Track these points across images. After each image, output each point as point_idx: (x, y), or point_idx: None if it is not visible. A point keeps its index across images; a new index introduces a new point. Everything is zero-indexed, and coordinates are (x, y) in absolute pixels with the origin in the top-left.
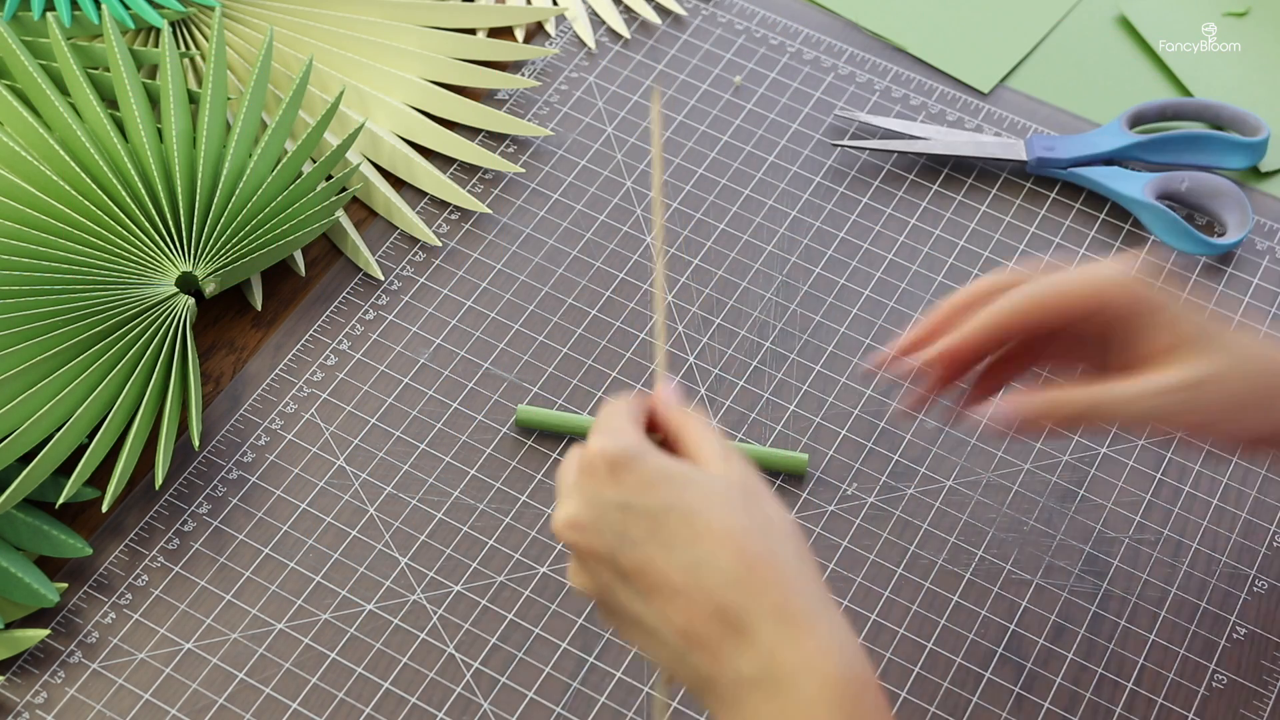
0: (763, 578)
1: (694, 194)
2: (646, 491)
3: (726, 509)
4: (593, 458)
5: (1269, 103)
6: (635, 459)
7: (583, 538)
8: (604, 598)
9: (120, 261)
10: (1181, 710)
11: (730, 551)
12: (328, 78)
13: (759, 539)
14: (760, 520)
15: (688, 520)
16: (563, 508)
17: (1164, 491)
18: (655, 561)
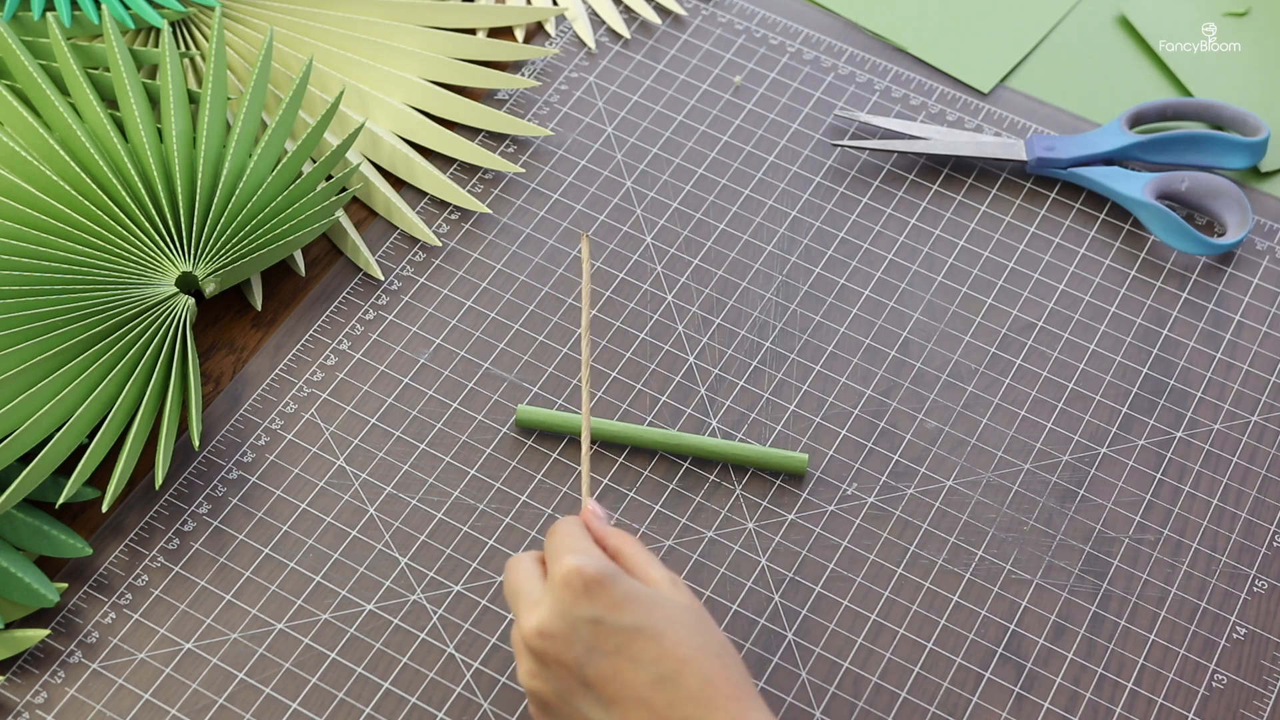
0: (719, 692)
1: (694, 194)
2: (618, 610)
3: (687, 631)
4: (570, 574)
5: (1269, 103)
6: (610, 580)
7: (552, 646)
8: (556, 702)
9: (120, 261)
10: (1181, 710)
11: (692, 670)
12: (328, 78)
13: (715, 660)
14: (715, 643)
15: (656, 640)
16: (531, 616)
17: (1164, 491)
18: (623, 674)
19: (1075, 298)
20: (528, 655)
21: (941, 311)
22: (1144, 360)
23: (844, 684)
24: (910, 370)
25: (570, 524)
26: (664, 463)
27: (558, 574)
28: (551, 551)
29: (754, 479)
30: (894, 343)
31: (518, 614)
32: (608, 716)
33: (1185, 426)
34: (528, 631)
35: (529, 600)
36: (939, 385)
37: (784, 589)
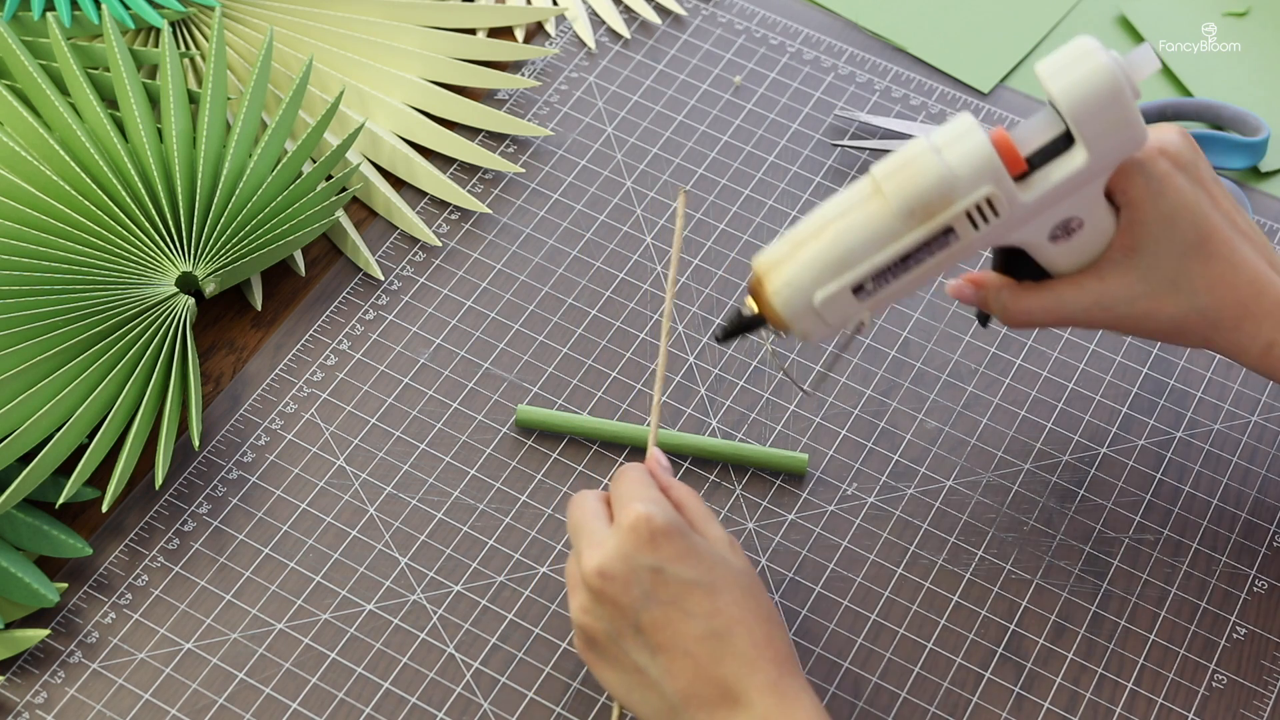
0: (763, 657)
1: (694, 194)
2: (680, 562)
3: (742, 593)
4: (638, 521)
5: (1269, 103)
6: (677, 532)
7: (610, 587)
8: (604, 641)
9: (120, 261)
10: (1181, 710)
11: (743, 630)
12: (328, 78)
13: (763, 625)
14: (765, 608)
15: (711, 596)
16: (594, 555)
17: (1164, 491)
18: (675, 624)
19: None
20: (584, 591)
21: (941, 311)
22: (1144, 360)
23: (844, 684)
24: (910, 370)
25: (637, 471)
26: None
27: (625, 519)
28: (619, 496)
29: (754, 479)
30: (894, 343)
31: (579, 550)
32: (653, 662)
33: (1185, 426)
34: (588, 569)
35: (592, 539)
36: (939, 385)
37: (784, 589)
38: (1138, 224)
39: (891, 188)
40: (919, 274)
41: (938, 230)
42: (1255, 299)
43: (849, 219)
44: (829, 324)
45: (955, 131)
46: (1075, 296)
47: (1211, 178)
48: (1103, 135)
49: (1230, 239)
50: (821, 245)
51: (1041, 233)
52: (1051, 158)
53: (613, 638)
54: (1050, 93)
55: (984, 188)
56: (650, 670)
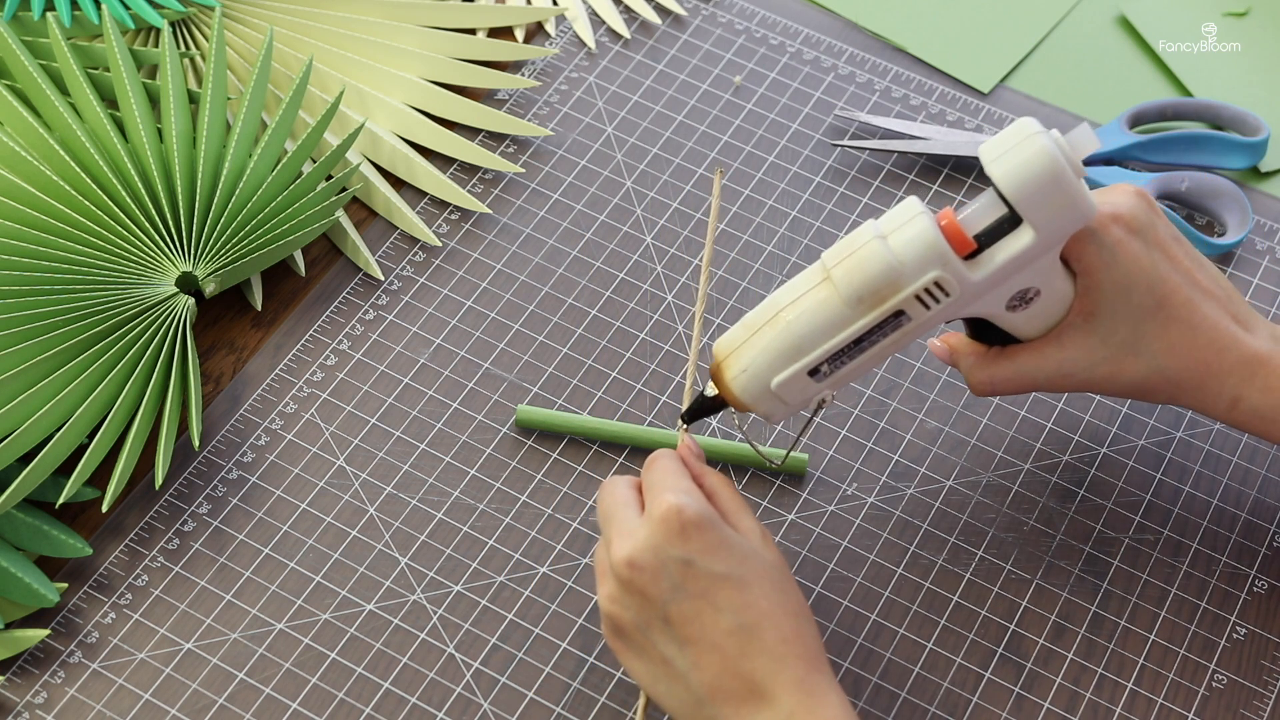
0: (792, 653)
1: (694, 194)
2: (711, 555)
3: (772, 586)
4: (669, 512)
5: (1269, 103)
6: (708, 524)
7: (639, 578)
8: (631, 631)
9: (120, 261)
10: (1181, 710)
11: (772, 625)
12: (328, 78)
13: (792, 620)
14: (795, 603)
15: (742, 590)
16: (624, 544)
17: (1164, 491)
18: (704, 617)
19: None
20: (612, 580)
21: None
22: None
23: (844, 684)
24: (910, 370)
25: (670, 459)
26: None
27: (657, 510)
28: (650, 484)
29: (754, 479)
30: None
31: (609, 539)
32: (681, 654)
33: (1185, 426)
34: (618, 559)
35: (623, 528)
36: (939, 385)
37: None
38: (1094, 290)
39: (839, 275)
40: (874, 353)
41: (888, 314)
42: (1216, 358)
43: (800, 305)
44: (788, 404)
45: (901, 217)
46: (1037, 365)
47: (1170, 236)
48: (1046, 215)
49: (1189, 299)
50: (775, 332)
51: (999, 304)
52: (1000, 236)
53: (640, 628)
54: (992, 176)
55: (931, 273)
56: (677, 662)
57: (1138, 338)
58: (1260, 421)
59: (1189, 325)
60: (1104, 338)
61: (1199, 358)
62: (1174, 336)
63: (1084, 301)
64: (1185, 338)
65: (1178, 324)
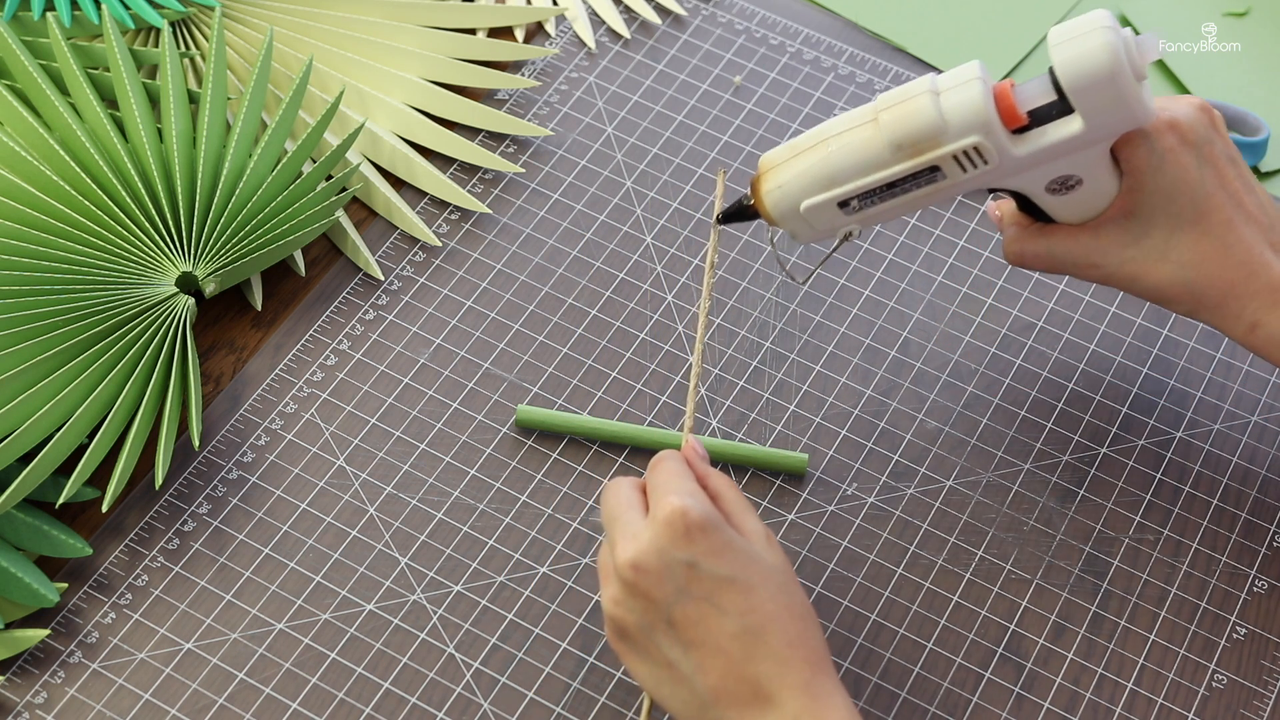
0: (797, 656)
1: (694, 194)
2: (715, 557)
3: (777, 589)
4: (673, 515)
5: (1269, 103)
6: (713, 527)
7: (643, 581)
8: (635, 633)
9: (120, 261)
10: (1181, 710)
11: (777, 628)
12: (328, 78)
13: (797, 622)
14: (799, 605)
15: (746, 593)
16: (628, 547)
17: (1164, 491)
18: (708, 620)
19: (1075, 298)
20: (616, 582)
21: (941, 311)
22: (1144, 360)
23: (844, 684)
24: (910, 370)
25: (674, 461)
26: None
27: (661, 512)
28: (654, 486)
29: (754, 479)
30: (894, 343)
31: (614, 541)
32: (685, 657)
33: (1185, 426)
34: (621, 562)
35: (627, 530)
36: (939, 385)
37: None
38: (1137, 191)
39: (886, 120)
40: (904, 201)
41: (924, 166)
42: (1244, 279)
43: (844, 139)
44: (815, 229)
45: (958, 78)
46: (1068, 248)
47: (1225, 155)
48: (1097, 110)
49: (1230, 219)
50: (815, 159)
51: (1038, 184)
52: (1050, 119)
53: (644, 631)
54: (1052, 61)
55: (972, 137)
56: (682, 665)
57: (1170, 245)
58: (1277, 349)
59: (1223, 243)
60: (1138, 238)
61: (1226, 276)
62: (1206, 250)
63: (1126, 200)
64: (1217, 254)
65: (1212, 239)
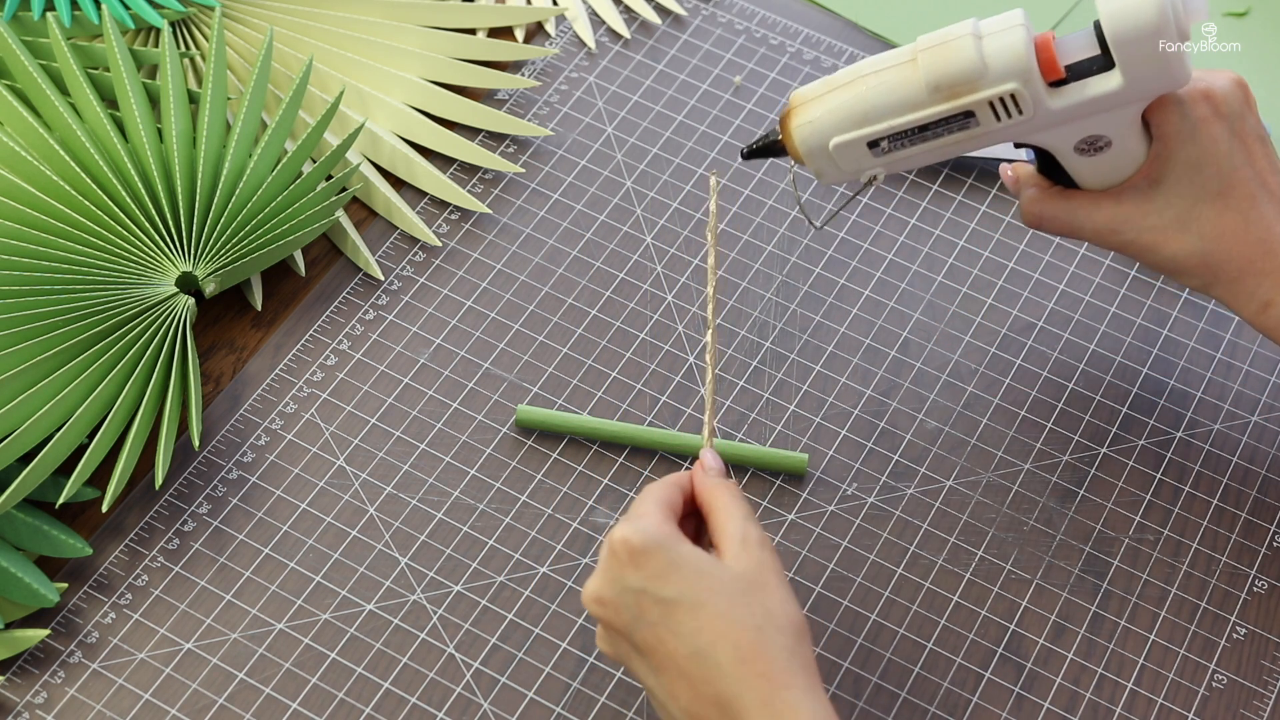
0: (754, 671)
1: (694, 194)
2: (660, 580)
3: (728, 603)
4: (617, 544)
5: (1269, 103)
6: (655, 549)
7: (604, 612)
8: (620, 662)
9: (120, 261)
10: (1181, 710)
11: (727, 645)
12: (328, 78)
13: (753, 633)
14: (759, 615)
15: (694, 611)
16: (589, 583)
17: (1164, 491)
18: (665, 644)
19: (1075, 298)
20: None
21: (941, 311)
22: (1144, 360)
23: (844, 684)
24: (910, 370)
25: (653, 488)
26: (664, 463)
27: (608, 544)
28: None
29: (754, 479)
30: (894, 343)
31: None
32: (657, 682)
33: (1185, 426)
34: (584, 598)
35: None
36: (939, 385)
37: None
38: (1164, 159)
39: (925, 60)
40: (934, 146)
41: (958, 110)
42: (1262, 257)
43: (880, 77)
44: (841, 169)
45: (1001, 24)
46: (1089, 213)
47: (1256, 133)
48: (1140, 66)
49: (1254, 195)
50: (849, 95)
51: (1068, 141)
52: (1089, 73)
53: (622, 658)
54: (1100, 12)
55: (1010, 84)
56: (657, 691)
57: (1192, 216)
58: None
59: (1245, 218)
60: (1160, 207)
61: (1244, 252)
62: (1226, 224)
63: (1152, 167)
64: (1237, 228)
65: (1234, 214)
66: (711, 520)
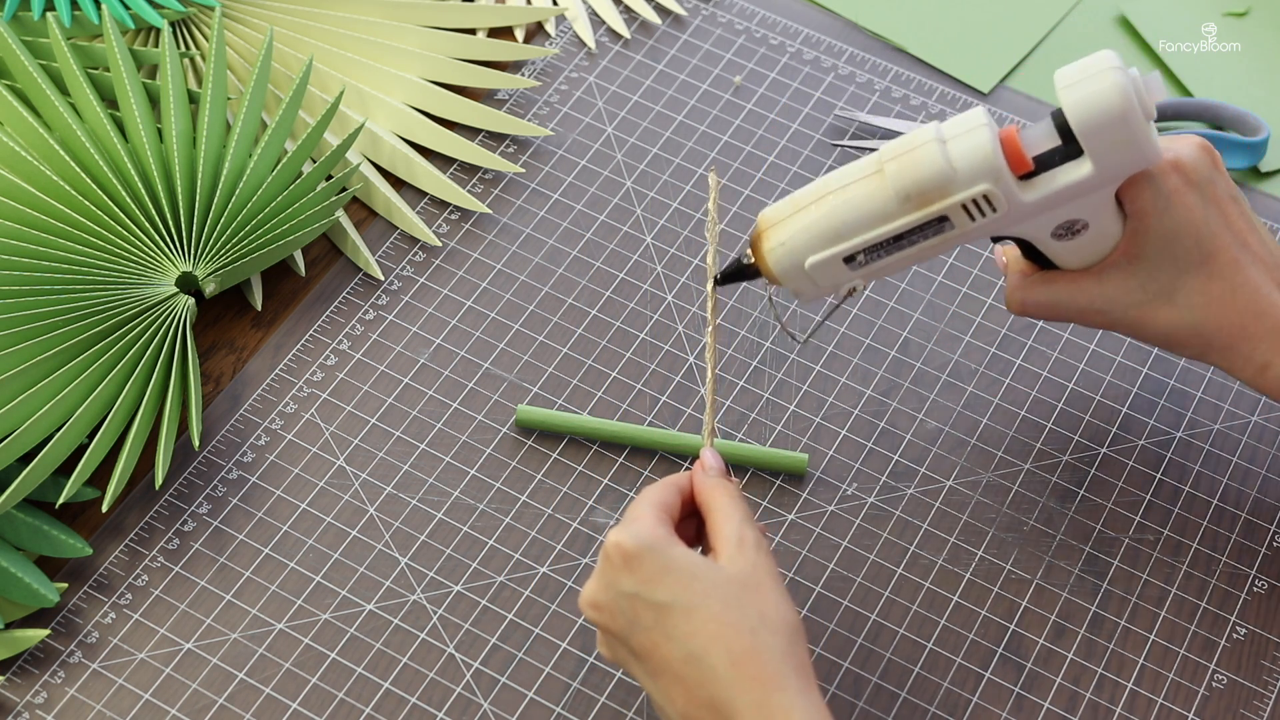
0: (747, 674)
1: (694, 194)
2: (653, 584)
3: (722, 606)
4: (610, 549)
5: (1269, 103)
6: (647, 553)
7: (600, 617)
8: (620, 666)
9: (120, 261)
10: (1181, 710)
11: (721, 648)
12: (328, 78)
13: (747, 636)
14: (752, 617)
15: (687, 615)
16: (585, 589)
17: (1164, 491)
18: (660, 648)
19: None
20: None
21: (941, 312)
22: (1144, 360)
23: (844, 684)
24: (910, 370)
25: (649, 491)
26: (664, 463)
27: (603, 548)
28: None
29: (754, 479)
30: (894, 343)
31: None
32: (654, 686)
33: (1185, 426)
34: (581, 603)
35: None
36: (939, 385)
37: None
38: (1142, 234)
39: (892, 170)
40: (912, 253)
41: (932, 217)
42: (1253, 320)
43: (848, 193)
44: (819, 286)
45: (964, 125)
46: (1073, 296)
47: (1228, 194)
48: (1109, 152)
49: (1236, 259)
50: (819, 214)
51: (1044, 230)
52: (1058, 163)
53: (621, 662)
54: (1062, 104)
55: (982, 185)
56: (654, 694)
57: (1177, 288)
58: None
59: (1230, 285)
60: (1144, 282)
61: (1234, 319)
62: (1213, 293)
63: (1130, 243)
64: (1224, 296)
65: (1219, 281)
66: (709, 521)
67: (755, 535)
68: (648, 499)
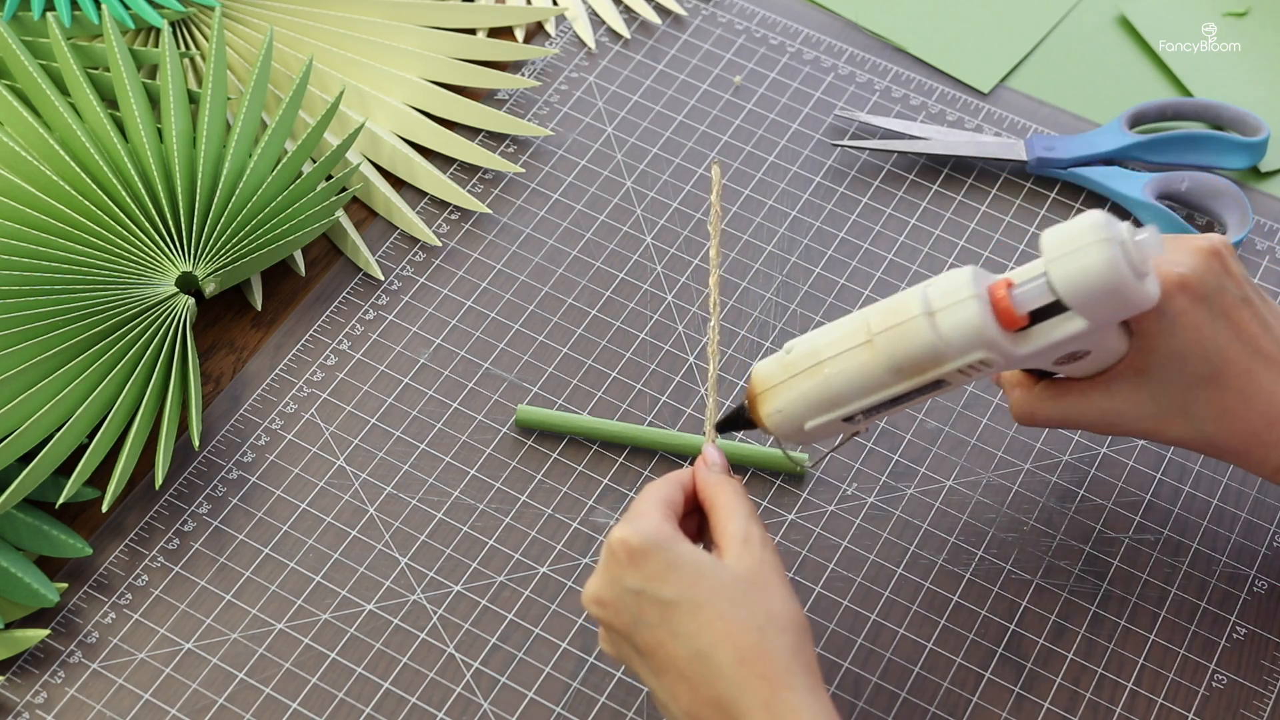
0: (754, 672)
1: (694, 194)
2: (659, 581)
3: (728, 604)
4: (615, 545)
5: (1269, 103)
6: (653, 550)
7: (604, 614)
8: (623, 663)
9: (120, 261)
10: (1181, 710)
11: (728, 647)
12: (328, 78)
13: (754, 634)
14: (760, 616)
15: (694, 612)
16: (588, 585)
17: (1164, 491)
18: (665, 646)
19: None
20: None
21: None
22: None
23: (844, 684)
24: None
25: (653, 487)
26: (664, 463)
27: (607, 545)
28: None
29: (754, 479)
30: None
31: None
32: (658, 684)
33: None
34: (584, 599)
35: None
36: None
37: None
38: (1148, 353)
39: (882, 343)
40: (910, 405)
41: (927, 383)
42: (1266, 428)
43: (840, 363)
44: (820, 439)
45: (950, 295)
46: (1082, 409)
47: (1239, 298)
48: (1102, 313)
49: (1247, 370)
50: (814, 382)
51: (1045, 363)
52: (1053, 314)
53: (624, 659)
54: (1049, 275)
55: (974, 354)
56: (658, 692)
57: (1187, 402)
58: None
59: (1242, 395)
60: (1153, 396)
61: (1247, 428)
62: (1225, 405)
63: (1137, 359)
64: (1237, 407)
65: (1231, 394)
66: (713, 518)
67: (761, 532)
68: (652, 495)
